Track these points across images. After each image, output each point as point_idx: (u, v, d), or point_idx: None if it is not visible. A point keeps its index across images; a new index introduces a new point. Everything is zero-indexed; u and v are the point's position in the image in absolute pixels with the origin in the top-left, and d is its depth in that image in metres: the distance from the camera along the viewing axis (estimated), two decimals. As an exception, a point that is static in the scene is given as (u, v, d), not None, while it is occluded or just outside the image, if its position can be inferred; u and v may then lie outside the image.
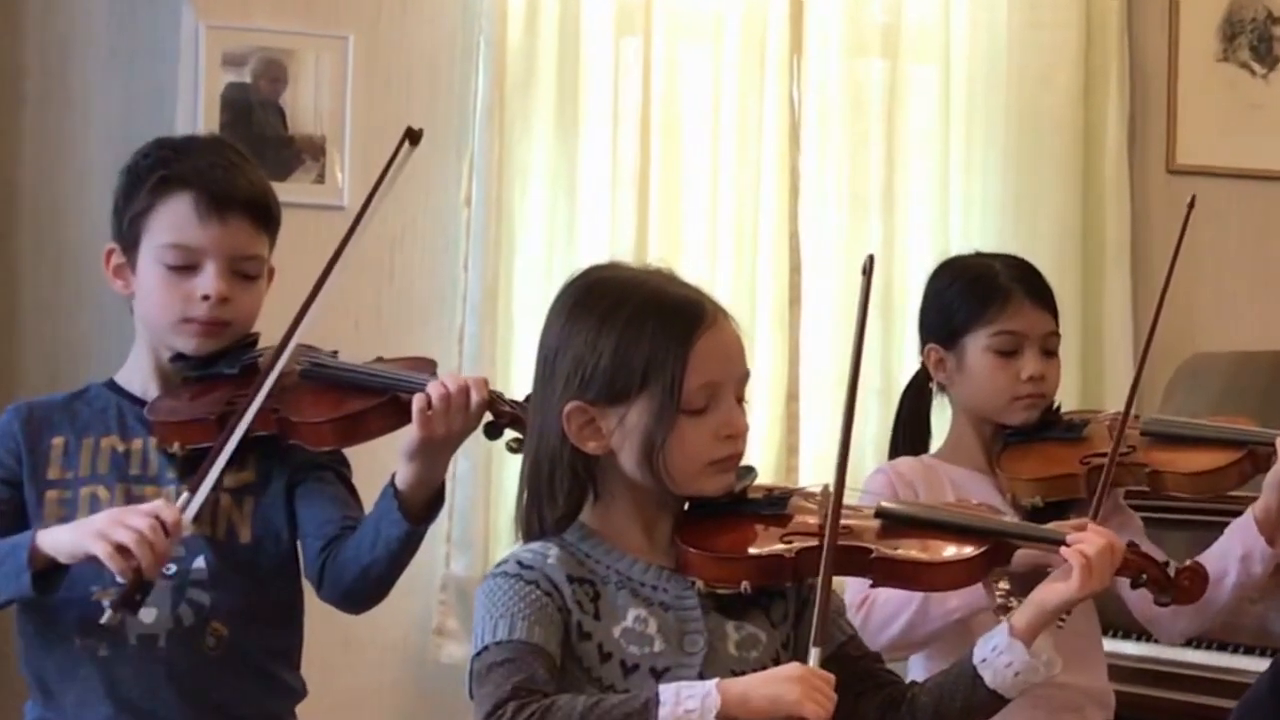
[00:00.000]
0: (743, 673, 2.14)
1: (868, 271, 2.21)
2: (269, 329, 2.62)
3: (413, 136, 2.70)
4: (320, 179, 4.38)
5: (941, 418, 3.20)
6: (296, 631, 2.70)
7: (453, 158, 4.46)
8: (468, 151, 4.44)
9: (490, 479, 4.34)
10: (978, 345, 3.04)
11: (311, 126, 4.39)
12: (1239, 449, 2.98)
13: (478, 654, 2.12)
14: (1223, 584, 2.92)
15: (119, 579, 2.37)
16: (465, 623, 4.31)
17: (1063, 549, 2.24)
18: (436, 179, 4.45)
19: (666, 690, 2.06)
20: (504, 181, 4.43)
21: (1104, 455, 2.88)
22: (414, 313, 4.47)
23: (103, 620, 2.40)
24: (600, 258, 2.54)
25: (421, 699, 4.46)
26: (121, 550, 2.33)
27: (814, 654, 2.11)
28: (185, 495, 2.45)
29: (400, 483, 2.51)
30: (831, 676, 2.10)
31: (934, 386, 3.16)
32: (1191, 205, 3.01)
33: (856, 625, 2.81)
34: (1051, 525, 2.37)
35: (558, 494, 2.21)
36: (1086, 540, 2.24)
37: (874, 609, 2.86)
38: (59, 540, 2.41)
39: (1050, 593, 2.23)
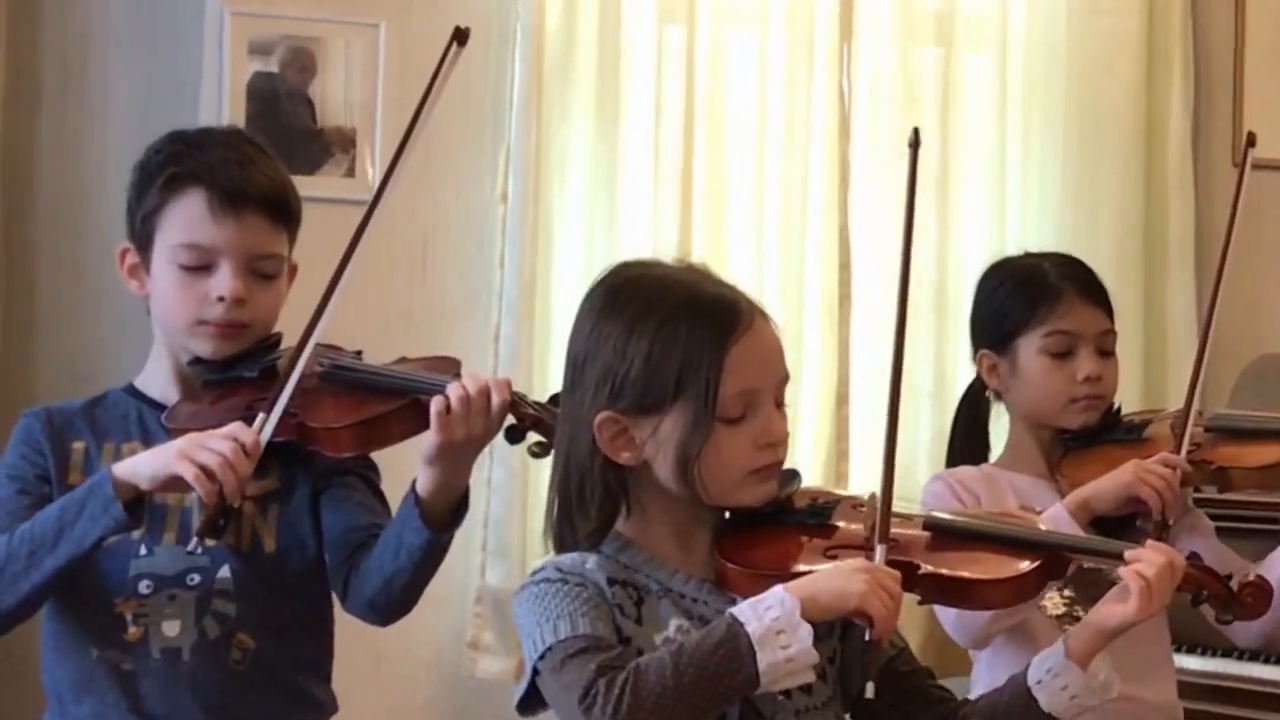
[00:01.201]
0: (786, 688, 2.08)
1: (914, 145, 2.17)
2: (293, 329, 2.56)
3: (460, 36, 2.65)
4: (350, 172, 4.34)
5: (998, 426, 3.14)
6: (326, 644, 2.67)
7: (488, 150, 4.42)
8: (504, 144, 4.39)
9: (526, 486, 4.30)
10: (1030, 348, 2.99)
11: (341, 118, 4.35)
12: None
13: (541, 656, 2.05)
14: (1298, 584, 2.88)
15: (203, 501, 2.37)
16: (501, 636, 4.29)
17: (1121, 569, 2.17)
18: (470, 172, 4.42)
19: (742, 610, 2.01)
20: (541, 175, 4.38)
21: None
22: (447, 312, 4.42)
23: (188, 549, 2.40)
24: (641, 254, 2.50)
25: (456, 716, 4.43)
26: (207, 473, 2.34)
27: (880, 551, 2.09)
28: (261, 416, 2.44)
29: (421, 489, 2.46)
30: (898, 574, 2.07)
31: (990, 394, 3.10)
32: (1251, 143, 3.00)
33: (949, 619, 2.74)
34: None
35: (589, 505, 2.16)
36: (1145, 559, 2.16)
37: None
38: (138, 468, 2.40)
39: (1107, 614, 2.17)
